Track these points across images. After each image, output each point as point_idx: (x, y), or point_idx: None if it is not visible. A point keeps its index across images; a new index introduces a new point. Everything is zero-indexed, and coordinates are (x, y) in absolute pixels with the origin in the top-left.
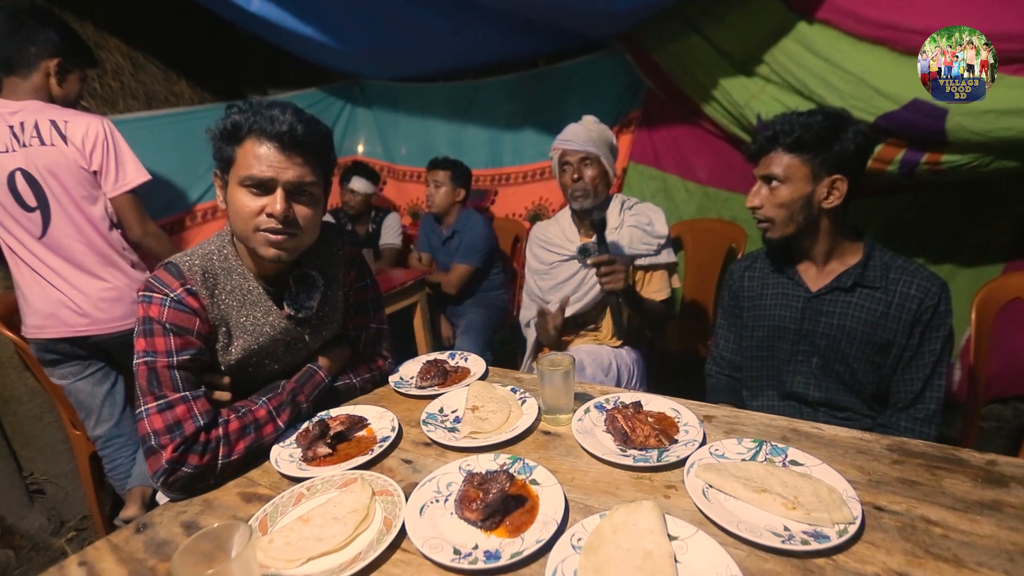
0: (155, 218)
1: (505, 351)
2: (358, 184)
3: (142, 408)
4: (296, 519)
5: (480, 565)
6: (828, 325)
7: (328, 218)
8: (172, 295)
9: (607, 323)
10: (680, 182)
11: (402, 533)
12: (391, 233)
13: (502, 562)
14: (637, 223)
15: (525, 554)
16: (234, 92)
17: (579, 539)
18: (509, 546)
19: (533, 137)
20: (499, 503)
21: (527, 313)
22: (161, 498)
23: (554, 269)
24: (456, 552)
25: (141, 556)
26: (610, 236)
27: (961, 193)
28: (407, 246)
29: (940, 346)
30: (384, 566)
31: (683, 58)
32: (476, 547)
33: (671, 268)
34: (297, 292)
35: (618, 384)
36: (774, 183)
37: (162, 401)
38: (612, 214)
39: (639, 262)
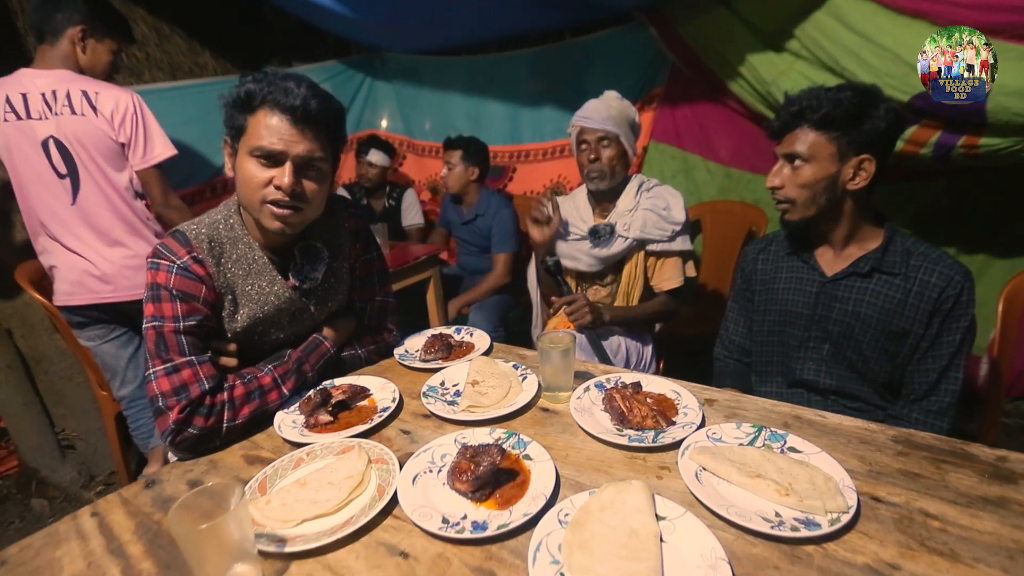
0: (177, 188)
1: (520, 329)
2: (375, 156)
3: (150, 371)
4: (293, 482)
5: (467, 534)
6: (842, 311)
7: (343, 192)
8: (179, 262)
9: (619, 295)
10: (702, 162)
11: (394, 500)
12: (413, 212)
13: (488, 533)
14: (653, 206)
15: (511, 526)
16: (257, 64)
17: (566, 515)
18: (497, 518)
19: (553, 113)
20: (489, 476)
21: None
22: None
23: (566, 246)
24: (444, 521)
25: (148, 510)
26: (623, 218)
27: (998, 181)
28: (429, 222)
29: (960, 337)
30: (375, 531)
31: (710, 32)
32: (464, 517)
33: (686, 256)
34: (302, 263)
35: (626, 366)
36: (797, 162)
37: (168, 364)
38: (628, 195)
39: (651, 248)
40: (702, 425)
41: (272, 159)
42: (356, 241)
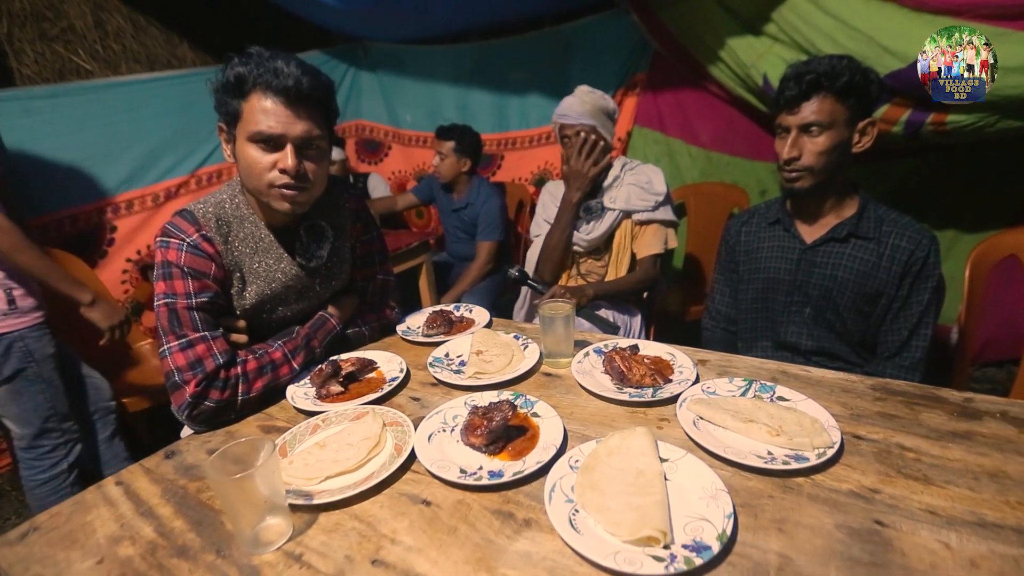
0: (157, 182)
1: (510, 314)
2: (334, 153)
3: (164, 347)
4: (313, 444)
5: (485, 481)
6: (821, 275)
7: None
8: (188, 240)
9: (611, 263)
10: (684, 146)
11: (411, 458)
12: (380, 190)
13: (505, 479)
14: (636, 181)
15: (526, 472)
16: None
17: (576, 460)
18: (511, 467)
19: (538, 101)
20: (502, 430)
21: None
22: (184, 432)
23: None
24: (462, 471)
25: (172, 477)
26: (608, 194)
27: (964, 159)
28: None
29: (928, 297)
30: (396, 484)
31: (690, 17)
32: (481, 468)
33: (667, 225)
34: (308, 242)
35: None
36: (815, 129)
37: (183, 340)
38: (612, 174)
39: (636, 216)
40: (696, 382)
41: (272, 143)
42: (357, 221)
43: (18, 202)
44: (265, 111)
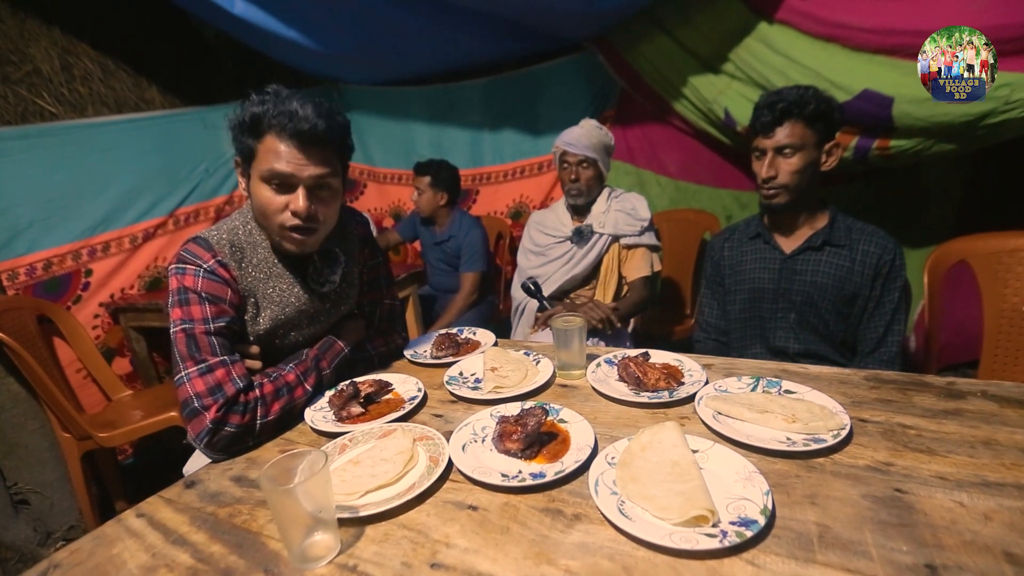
0: (135, 223)
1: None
2: None
3: (182, 373)
4: (346, 462)
5: (529, 483)
6: (802, 282)
7: None
8: (205, 266)
9: (599, 285)
10: (653, 177)
11: (447, 468)
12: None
13: (548, 479)
14: (622, 207)
15: (567, 471)
16: (207, 97)
17: (612, 457)
18: (551, 468)
19: (512, 137)
20: (537, 433)
21: (518, 290)
22: (187, 468)
23: (548, 249)
24: (504, 476)
25: (197, 505)
26: (597, 220)
27: (907, 180)
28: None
29: (898, 295)
30: (438, 493)
31: (653, 57)
32: (520, 471)
33: (652, 249)
34: (321, 267)
35: None
36: (788, 151)
37: (203, 365)
38: (600, 202)
39: (623, 241)
40: (706, 383)
41: (283, 184)
42: (364, 246)
43: None
44: (278, 153)
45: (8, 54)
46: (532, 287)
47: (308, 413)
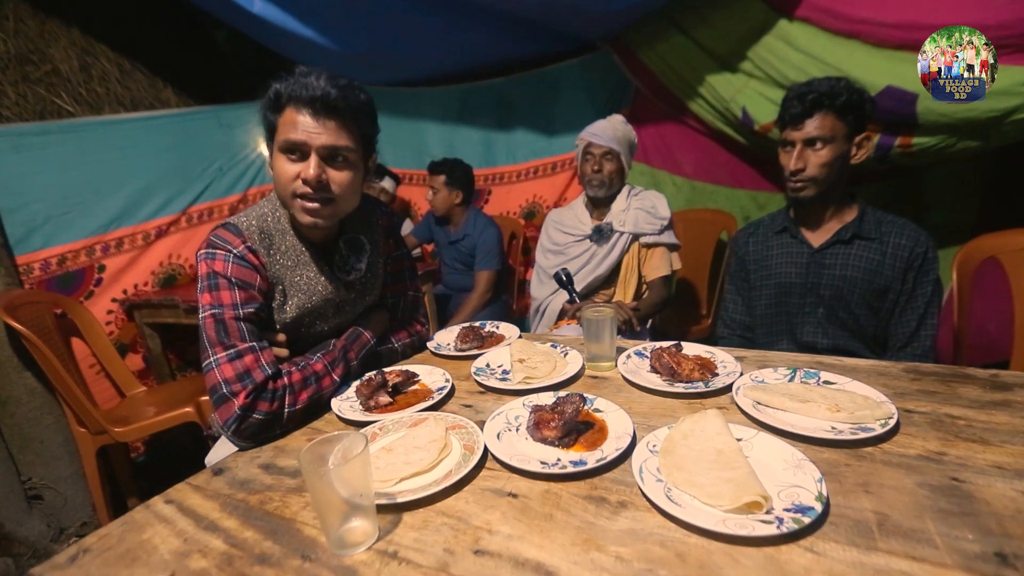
0: (149, 219)
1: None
2: (388, 183)
3: (211, 359)
4: (379, 449)
5: (570, 470)
6: (831, 276)
7: None
8: (235, 251)
9: (619, 284)
10: (668, 177)
11: (484, 457)
12: (405, 229)
13: (589, 467)
14: (642, 206)
15: (608, 459)
16: (219, 98)
17: (654, 445)
18: (591, 456)
19: (525, 137)
20: (575, 421)
21: (539, 289)
22: (209, 458)
23: (567, 248)
24: (543, 463)
25: (227, 492)
26: (617, 218)
27: (921, 183)
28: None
29: (931, 289)
30: (475, 480)
31: (669, 57)
32: (559, 459)
33: (672, 248)
34: (347, 255)
35: None
36: (818, 144)
37: (232, 351)
38: (620, 200)
39: (644, 240)
40: (741, 374)
41: (298, 152)
42: (389, 237)
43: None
44: (294, 123)
45: (28, 54)
46: (564, 277)
47: (335, 402)
